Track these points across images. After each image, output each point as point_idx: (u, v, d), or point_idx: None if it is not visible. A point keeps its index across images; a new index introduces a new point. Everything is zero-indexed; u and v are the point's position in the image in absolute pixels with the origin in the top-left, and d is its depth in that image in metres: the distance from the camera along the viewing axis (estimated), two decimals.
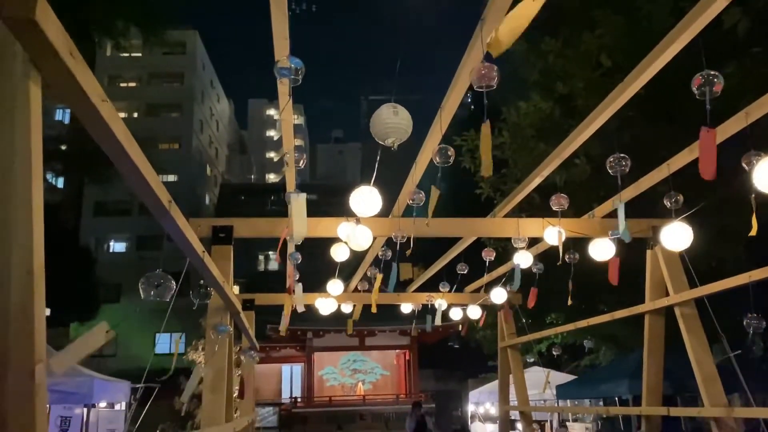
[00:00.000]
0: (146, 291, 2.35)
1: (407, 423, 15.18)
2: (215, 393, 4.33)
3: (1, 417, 1.31)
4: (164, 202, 2.33)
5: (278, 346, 32.35)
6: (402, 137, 2.69)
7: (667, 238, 4.04)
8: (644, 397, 5.46)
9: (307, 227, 5.33)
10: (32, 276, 1.35)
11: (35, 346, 1.35)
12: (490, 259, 5.94)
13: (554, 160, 4.37)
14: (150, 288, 2.35)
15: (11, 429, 1.31)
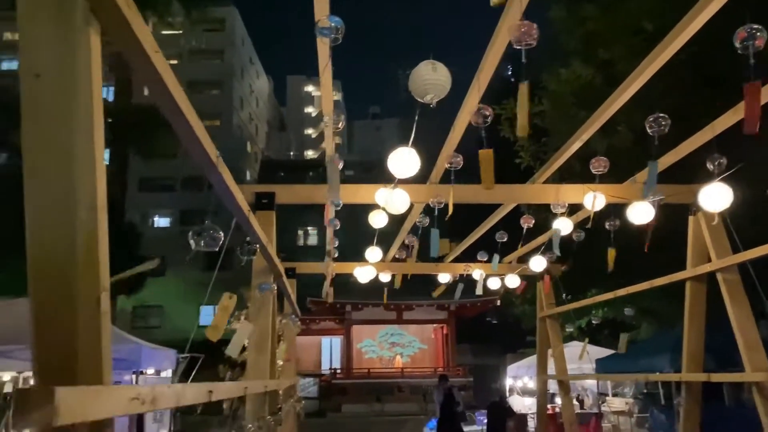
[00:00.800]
0: (197, 242, 2.46)
1: (435, 396, 15.32)
2: (260, 352, 4.49)
3: (72, 341, 1.42)
4: (212, 157, 2.43)
5: (318, 319, 32.92)
6: (440, 94, 2.72)
7: (706, 198, 3.98)
8: (684, 363, 5.42)
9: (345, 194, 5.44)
10: (95, 212, 1.45)
11: (100, 276, 1.46)
12: (528, 227, 5.93)
13: (594, 123, 4.33)
14: (200, 239, 2.46)
15: (81, 353, 1.42)
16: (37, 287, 1.42)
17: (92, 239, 1.45)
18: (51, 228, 1.43)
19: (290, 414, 6.76)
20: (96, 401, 1.27)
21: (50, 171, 1.43)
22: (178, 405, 1.89)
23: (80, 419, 1.19)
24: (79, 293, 1.42)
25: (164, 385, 1.77)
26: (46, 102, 1.43)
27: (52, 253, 1.43)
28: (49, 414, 1.08)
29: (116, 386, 1.41)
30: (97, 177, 1.45)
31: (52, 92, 1.42)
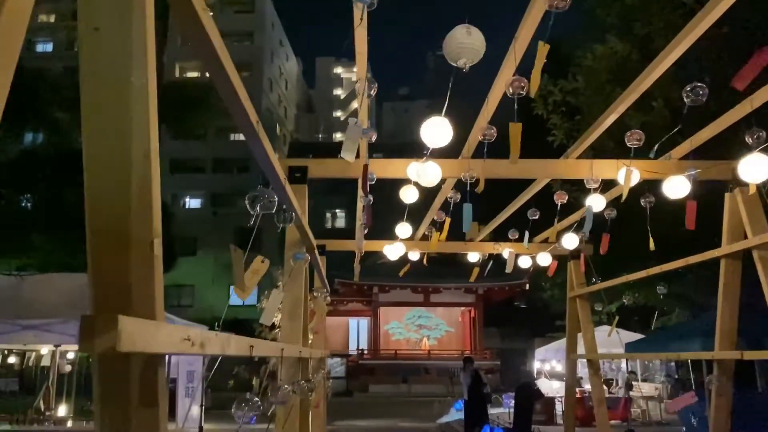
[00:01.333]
0: (252, 206, 2.54)
1: (462, 378, 15.35)
2: (293, 320, 4.58)
3: (126, 284, 1.49)
4: (253, 122, 2.48)
5: (346, 300, 33.23)
6: (474, 58, 2.72)
7: (745, 169, 3.92)
8: (717, 341, 5.38)
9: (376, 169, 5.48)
10: (149, 159, 1.51)
11: (153, 222, 1.53)
12: (562, 203, 5.90)
13: (630, 96, 4.28)
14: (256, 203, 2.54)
15: (135, 294, 1.49)
16: (94, 231, 1.49)
17: (146, 186, 1.51)
18: (107, 173, 1.49)
19: (321, 385, 6.88)
20: (154, 335, 1.34)
21: (107, 120, 1.49)
22: (223, 353, 1.96)
23: (139, 349, 1.26)
24: (133, 237, 1.49)
25: (212, 333, 1.84)
26: (103, 54, 1.49)
27: (107, 197, 1.50)
28: (112, 339, 1.15)
29: (170, 324, 1.48)
30: (150, 126, 1.51)
31: (110, 44, 1.49)
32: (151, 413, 1.56)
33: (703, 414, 9.49)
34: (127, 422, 1.52)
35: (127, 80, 1.48)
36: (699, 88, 3.69)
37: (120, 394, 1.51)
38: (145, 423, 1.54)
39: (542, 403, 17.48)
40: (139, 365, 1.49)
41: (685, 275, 15.86)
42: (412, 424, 19.10)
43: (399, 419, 20.05)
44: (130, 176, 1.49)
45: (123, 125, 1.49)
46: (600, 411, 8.12)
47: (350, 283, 31.00)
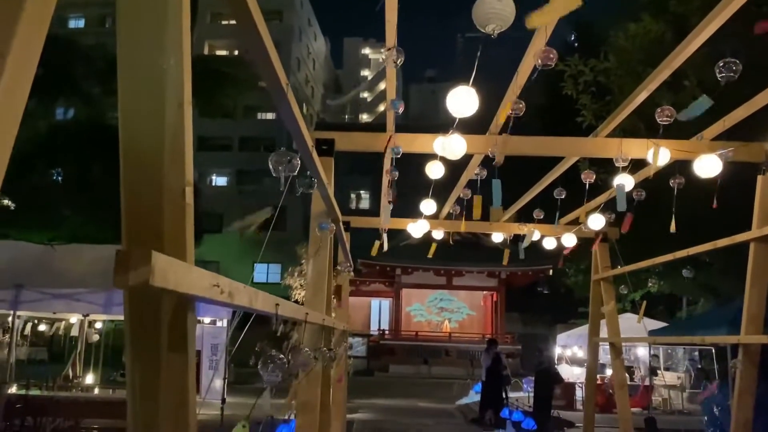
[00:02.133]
0: (275, 166, 2.57)
1: (483, 359, 15.40)
2: (317, 292, 4.64)
3: (158, 230, 1.54)
4: (282, 83, 2.50)
5: (368, 281, 33.44)
6: (503, 25, 2.70)
7: None
8: (744, 325, 5.31)
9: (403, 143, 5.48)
10: (182, 108, 1.54)
11: (185, 170, 1.56)
12: (589, 182, 5.84)
13: (661, 73, 4.21)
14: (279, 163, 2.56)
15: (167, 240, 1.53)
16: (128, 178, 1.54)
17: (179, 134, 1.54)
18: (141, 121, 1.53)
19: (342, 359, 6.96)
20: (185, 275, 1.38)
21: (142, 67, 1.52)
22: (250, 305, 2.01)
23: (171, 286, 1.29)
24: (165, 184, 1.53)
25: (241, 285, 1.88)
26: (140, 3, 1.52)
27: (141, 146, 1.53)
28: (145, 274, 1.19)
29: (201, 269, 1.52)
30: (184, 76, 1.54)
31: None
32: (181, 357, 1.61)
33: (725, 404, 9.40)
34: (156, 365, 1.57)
35: (163, 29, 1.50)
36: (732, 64, 3.61)
37: (150, 337, 1.55)
38: (174, 366, 1.59)
39: (562, 389, 17.47)
40: (170, 307, 1.54)
41: (711, 265, 15.63)
42: (431, 404, 19.24)
43: (418, 399, 20.21)
44: (163, 125, 1.52)
45: (157, 75, 1.52)
46: (621, 394, 8.10)
47: (373, 264, 31.15)
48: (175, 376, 1.59)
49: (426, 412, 17.51)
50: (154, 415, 1.58)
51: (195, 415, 1.68)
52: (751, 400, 5.39)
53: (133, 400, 1.58)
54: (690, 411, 17.47)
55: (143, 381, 1.58)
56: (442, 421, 15.61)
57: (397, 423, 14.79)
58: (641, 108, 5.95)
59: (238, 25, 2.04)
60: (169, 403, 1.59)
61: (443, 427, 14.31)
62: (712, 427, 11.98)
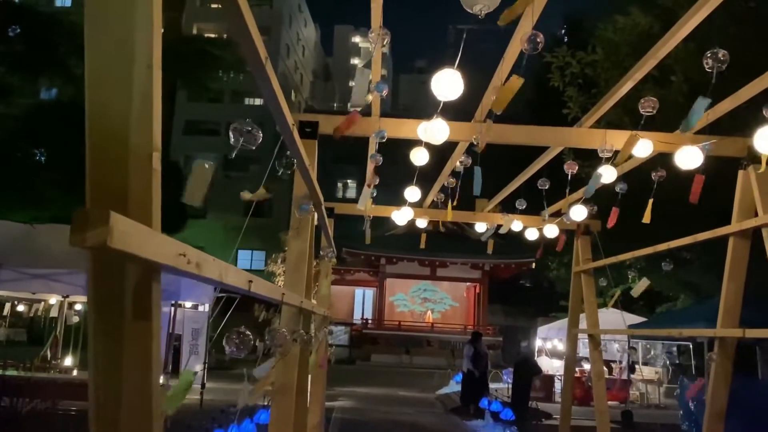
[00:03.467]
0: (236, 138, 2.51)
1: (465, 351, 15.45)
2: (297, 272, 4.60)
3: (122, 195, 1.49)
4: (262, 57, 2.46)
5: (352, 270, 33.46)
6: (491, 5, 2.67)
7: (761, 140, 3.86)
8: (720, 318, 5.36)
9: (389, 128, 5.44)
10: (151, 70, 1.50)
11: (153, 134, 1.52)
12: (572, 172, 5.84)
13: (647, 63, 4.21)
14: (239, 135, 2.51)
15: (131, 207, 1.49)
16: (93, 140, 1.49)
17: (147, 97, 1.50)
18: (108, 83, 1.48)
19: (323, 344, 6.94)
20: (148, 240, 1.34)
21: (110, 26, 1.48)
22: (220, 279, 1.96)
23: (132, 250, 1.26)
24: (131, 148, 1.48)
25: (211, 257, 1.84)
26: None
27: (108, 107, 1.49)
28: (103, 234, 1.15)
29: (167, 236, 1.48)
30: (154, 36, 1.49)
31: None
32: (145, 328, 1.57)
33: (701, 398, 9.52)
34: (119, 335, 1.53)
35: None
36: (719, 54, 3.61)
37: (113, 306, 1.51)
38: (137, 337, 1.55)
39: (541, 380, 17.61)
40: (134, 276, 1.50)
41: (692, 262, 15.80)
42: (411, 393, 19.32)
43: (399, 388, 20.28)
44: (131, 87, 1.48)
45: (125, 34, 1.47)
46: (599, 386, 8.16)
47: (358, 253, 31.15)
48: (139, 348, 1.55)
49: (406, 401, 17.58)
50: (116, 388, 1.54)
51: (159, 389, 1.64)
52: (725, 393, 5.44)
53: (95, 371, 1.55)
54: (666, 405, 17.70)
55: (105, 351, 1.54)
56: (422, 410, 15.68)
57: (377, 411, 14.83)
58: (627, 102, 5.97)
59: None
60: (132, 375, 1.55)
61: (423, 416, 14.37)
62: (687, 421, 12.17)
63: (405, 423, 13.35)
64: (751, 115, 5.14)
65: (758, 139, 3.92)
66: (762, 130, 3.85)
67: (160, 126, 1.55)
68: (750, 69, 4.95)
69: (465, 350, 15.45)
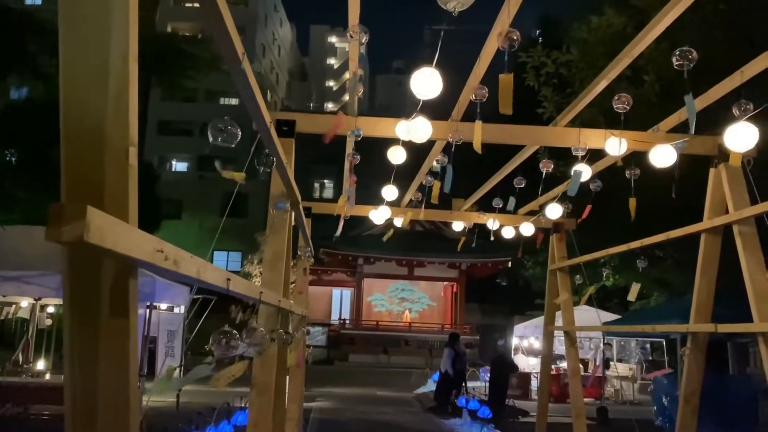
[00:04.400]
0: (214, 135, 2.49)
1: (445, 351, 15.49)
2: (274, 272, 4.58)
3: (99, 190, 1.47)
4: (239, 53, 2.44)
5: (330, 270, 33.36)
6: (465, 3, 2.68)
7: (731, 138, 3.94)
8: (692, 313, 5.45)
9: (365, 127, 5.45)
10: (127, 63, 1.48)
11: (129, 130, 1.50)
12: (547, 171, 5.91)
13: (621, 62, 4.27)
14: (218, 132, 2.48)
15: (108, 202, 1.47)
16: (68, 135, 1.47)
17: (123, 91, 1.48)
18: (84, 76, 1.46)
19: (301, 343, 6.91)
20: (125, 235, 1.33)
21: (85, 19, 1.45)
22: (198, 277, 1.95)
23: (108, 245, 1.24)
24: (107, 143, 1.47)
25: (188, 254, 1.83)
26: None
27: (84, 101, 1.47)
28: (80, 228, 1.13)
29: (144, 232, 1.46)
30: (130, 29, 1.47)
31: None
32: (121, 325, 1.55)
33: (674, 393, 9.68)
34: (95, 332, 1.51)
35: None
36: (688, 52, 3.68)
37: (89, 302, 1.49)
38: (114, 334, 1.53)
39: (518, 378, 17.75)
40: (111, 272, 1.48)
41: (665, 260, 16.04)
42: (389, 393, 19.33)
43: (377, 388, 20.28)
44: (107, 80, 1.46)
45: (101, 27, 1.45)
46: (574, 382, 8.25)
47: (335, 253, 31.09)
48: (115, 345, 1.53)
49: (384, 400, 17.58)
50: (92, 386, 1.52)
51: (136, 387, 1.62)
52: (698, 388, 5.54)
53: (71, 368, 1.52)
54: (641, 401, 17.96)
55: (81, 349, 1.52)
56: (400, 409, 15.70)
57: (354, 411, 14.81)
58: (602, 101, 6.05)
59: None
60: (109, 372, 1.53)
61: (400, 416, 14.39)
62: (661, 417, 12.37)
63: (383, 423, 13.35)
64: (721, 114, 5.24)
65: (728, 137, 4.00)
66: (731, 128, 3.92)
67: (136, 120, 1.53)
68: (720, 69, 5.05)
69: (445, 352, 15.49)
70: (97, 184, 1.45)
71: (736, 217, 4.89)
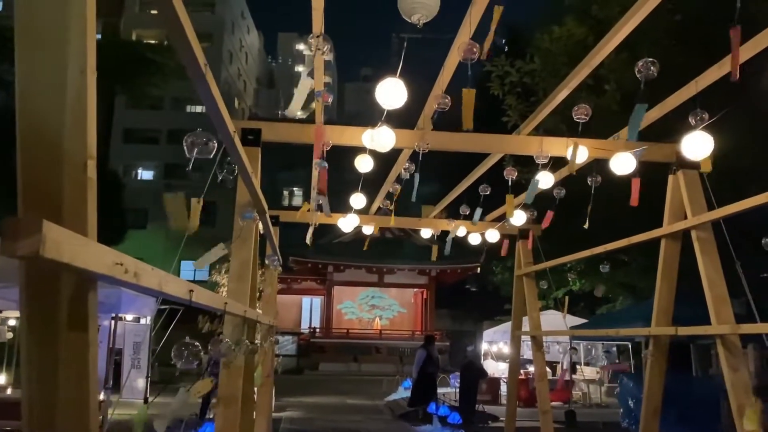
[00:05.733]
0: (190, 148, 2.48)
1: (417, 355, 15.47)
2: (240, 282, 4.55)
3: (57, 204, 1.46)
4: (201, 64, 2.44)
5: (299, 278, 33.16)
6: (429, 15, 2.73)
7: (688, 147, 4.06)
8: (654, 317, 5.58)
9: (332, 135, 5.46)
10: (85, 76, 1.47)
11: (87, 142, 1.49)
12: (512, 178, 6.00)
13: (581, 71, 4.37)
14: (194, 146, 2.47)
15: (65, 215, 1.46)
16: (25, 148, 1.45)
17: (81, 103, 1.47)
18: (41, 88, 1.45)
19: (269, 354, 6.87)
20: (82, 249, 1.32)
21: (42, 31, 1.45)
22: (159, 289, 1.94)
23: (66, 260, 1.23)
24: (65, 156, 1.46)
25: (149, 266, 1.82)
26: None
27: (41, 114, 1.46)
28: (35, 243, 1.12)
29: (103, 245, 1.45)
30: (88, 40, 1.47)
31: None
32: (81, 340, 1.54)
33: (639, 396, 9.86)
34: (54, 347, 1.49)
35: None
36: (650, 63, 3.79)
37: (47, 317, 1.48)
38: (73, 349, 1.51)
39: (488, 383, 17.85)
40: (69, 286, 1.47)
41: (629, 264, 16.33)
42: (360, 401, 19.27)
43: (347, 397, 20.20)
44: (64, 93, 1.45)
45: (58, 39, 1.44)
46: (541, 386, 8.35)
47: (305, 261, 30.93)
48: (74, 359, 1.52)
49: (354, 408, 17.52)
50: (51, 401, 1.50)
51: (96, 402, 1.61)
52: (660, 389, 5.66)
53: (29, 383, 1.50)
54: (608, 404, 18.21)
55: (40, 363, 1.50)
56: (371, 417, 15.66)
57: (325, 420, 14.73)
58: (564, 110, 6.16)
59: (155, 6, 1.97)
60: (68, 387, 1.51)
61: (371, 423, 14.36)
62: (627, 419, 12.58)
63: (353, 431, 13.31)
64: (679, 122, 5.39)
65: (684, 146, 4.12)
66: (688, 137, 4.05)
67: (95, 133, 1.53)
68: (678, 79, 5.20)
69: (417, 354, 15.46)
70: (55, 197, 1.44)
71: (693, 223, 5.03)
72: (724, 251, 4.93)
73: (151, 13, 45.50)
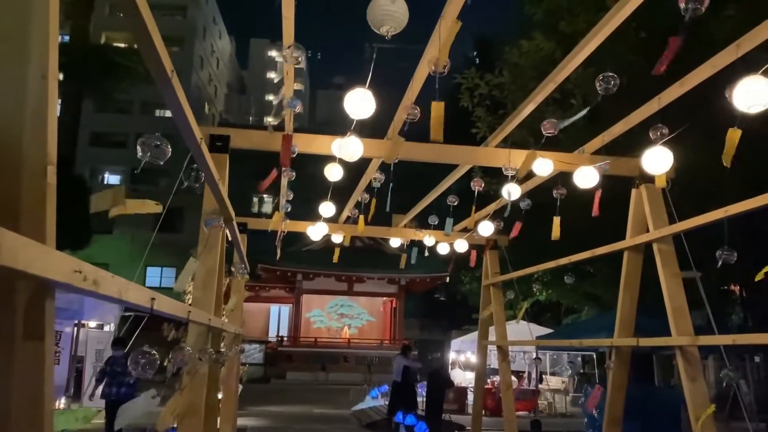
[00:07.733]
0: (143, 151, 2.44)
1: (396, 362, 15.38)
2: (206, 290, 4.50)
3: (15, 210, 1.44)
4: (167, 70, 2.42)
5: (268, 286, 32.86)
6: (397, 27, 2.75)
7: (648, 161, 4.16)
8: (617, 328, 5.68)
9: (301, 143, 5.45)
10: (47, 81, 1.46)
11: (47, 148, 1.47)
12: (479, 190, 6.07)
13: (547, 85, 4.45)
14: (147, 149, 2.44)
15: (23, 222, 1.44)
16: None
17: (42, 109, 1.46)
18: (0, 93, 1.43)
19: (234, 362, 6.80)
20: (40, 257, 1.30)
21: (3, 34, 1.43)
22: (119, 297, 1.91)
23: (21, 267, 1.21)
24: (24, 161, 1.44)
25: (109, 274, 1.79)
26: None
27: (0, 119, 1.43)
28: None
29: (61, 253, 1.43)
30: (50, 45, 1.45)
31: None
32: (36, 349, 1.51)
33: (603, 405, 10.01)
34: (9, 356, 1.47)
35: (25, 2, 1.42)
36: (610, 78, 3.88)
37: (3, 324, 1.45)
38: (28, 358, 1.49)
39: (455, 392, 17.90)
40: (26, 293, 1.44)
41: (594, 275, 16.58)
42: (326, 410, 19.15)
43: (314, 406, 20.06)
44: (24, 97, 1.43)
45: (19, 42, 1.43)
46: (507, 395, 8.41)
47: (274, 269, 30.67)
48: (30, 369, 1.49)
49: (321, 418, 17.41)
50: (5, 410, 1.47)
51: (51, 412, 1.58)
52: (622, 398, 5.76)
53: None
54: (573, 414, 18.42)
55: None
56: (337, 426, 15.58)
57: (291, 429, 14.61)
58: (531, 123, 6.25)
59: (120, 7, 1.96)
60: (22, 396, 1.48)
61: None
62: (591, 428, 12.74)
63: None
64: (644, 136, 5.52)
65: (645, 160, 4.22)
66: (649, 152, 4.15)
67: (55, 139, 1.51)
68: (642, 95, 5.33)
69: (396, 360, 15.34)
70: (13, 203, 1.41)
71: (655, 236, 5.15)
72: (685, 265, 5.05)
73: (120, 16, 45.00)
